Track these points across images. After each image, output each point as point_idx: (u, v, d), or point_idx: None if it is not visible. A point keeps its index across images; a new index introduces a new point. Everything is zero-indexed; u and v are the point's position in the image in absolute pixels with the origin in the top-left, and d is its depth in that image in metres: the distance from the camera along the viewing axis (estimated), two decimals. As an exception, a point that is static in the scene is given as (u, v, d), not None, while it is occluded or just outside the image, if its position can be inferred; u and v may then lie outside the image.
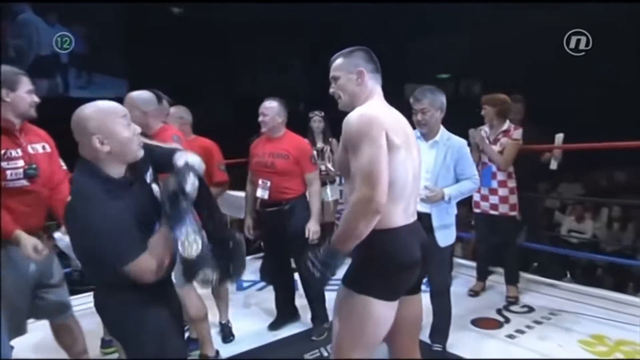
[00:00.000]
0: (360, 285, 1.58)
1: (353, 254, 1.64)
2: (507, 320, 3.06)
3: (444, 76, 10.51)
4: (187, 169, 1.53)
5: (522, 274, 3.72)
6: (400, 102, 2.67)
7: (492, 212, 3.37)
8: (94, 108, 1.47)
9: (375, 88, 1.71)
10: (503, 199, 3.34)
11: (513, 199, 3.34)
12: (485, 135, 3.37)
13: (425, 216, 2.46)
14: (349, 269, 1.65)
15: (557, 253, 4.15)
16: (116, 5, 9.00)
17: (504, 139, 3.30)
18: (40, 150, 2.14)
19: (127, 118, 1.52)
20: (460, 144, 2.60)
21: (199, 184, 1.55)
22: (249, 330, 3.05)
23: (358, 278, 1.60)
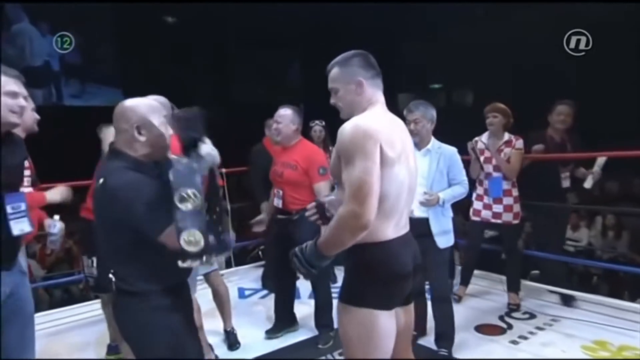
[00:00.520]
0: (359, 299, 1.56)
1: (346, 269, 1.65)
2: (510, 327, 3.12)
3: (436, 86, 10.66)
4: (209, 157, 1.57)
5: (523, 281, 3.77)
6: (394, 112, 2.80)
7: (494, 220, 3.43)
8: (142, 102, 1.62)
9: (376, 94, 1.65)
10: (508, 208, 3.41)
11: (517, 207, 3.43)
12: (483, 146, 3.45)
13: (424, 221, 2.65)
14: (344, 285, 1.65)
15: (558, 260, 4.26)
16: (110, 14, 9.02)
17: (507, 149, 3.37)
18: None
19: (167, 118, 1.63)
20: (451, 152, 2.79)
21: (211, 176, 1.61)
22: (254, 337, 3.09)
23: (355, 292, 1.59)
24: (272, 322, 3.21)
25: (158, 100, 2.36)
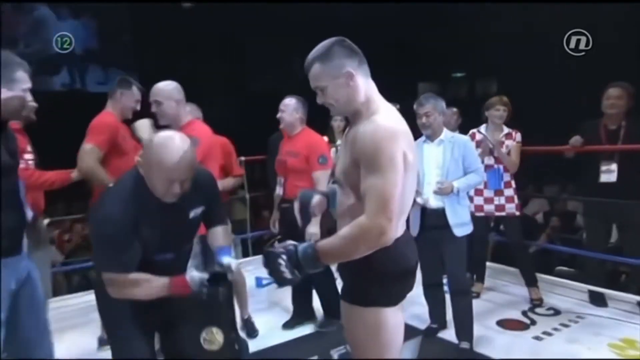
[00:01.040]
0: (367, 298, 1.52)
1: (346, 268, 1.59)
2: (534, 322, 3.12)
3: (458, 75, 10.55)
4: (229, 270, 1.73)
5: (546, 276, 3.82)
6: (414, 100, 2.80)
7: (498, 213, 3.46)
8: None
9: (369, 84, 1.53)
10: (509, 199, 3.44)
11: (516, 199, 3.46)
12: (482, 137, 3.46)
13: (440, 212, 2.71)
14: (348, 286, 1.61)
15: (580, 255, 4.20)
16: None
17: (509, 141, 3.41)
18: None
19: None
20: (464, 140, 2.87)
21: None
22: (272, 326, 3.15)
23: (362, 292, 1.54)
24: (289, 312, 3.27)
25: (168, 87, 2.44)
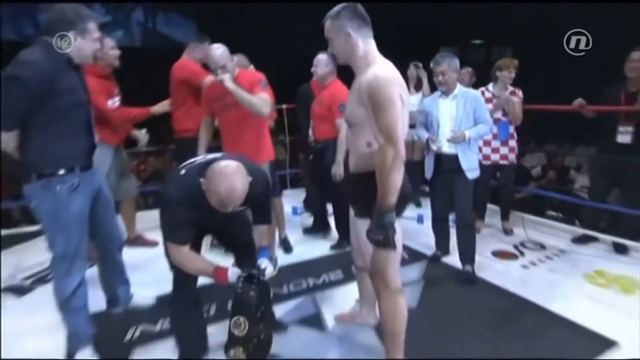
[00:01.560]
0: (369, 211, 1.60)
1: (364, 195, 1.64)
2: (522, 254, 3.18)
3: (477, 42, 10.07)
4: (263, 274, 1.75)
5: (536, 218, 3.89)
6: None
7: (502, 162, 3.46)
8: None
9: (366, 42, 1.65)
10: (512, 149, 3.46)
11: (517, 149, 3.48)
12: (491, 95, 3.42)
13: (453, 158, 2.70)
14: (364, 206, 1.67)
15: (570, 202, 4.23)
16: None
17: (513, 97, 3.38)
18: None
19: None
20: (476, 94, 2.80)
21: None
22: (304, 245, 3.33)
23: (369, 208, 1.61)
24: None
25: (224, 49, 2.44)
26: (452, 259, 2.98)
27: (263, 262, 1.80)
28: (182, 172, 1.70)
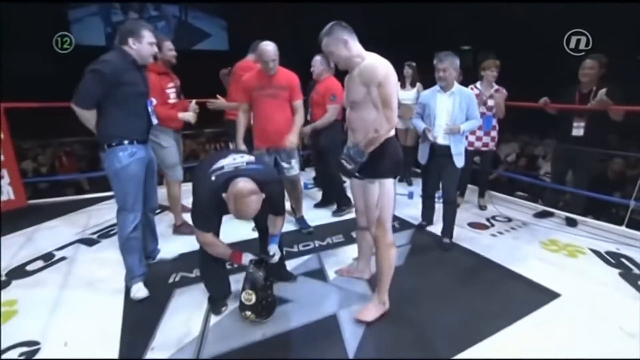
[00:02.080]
0: (385, 173, 1.81)
1: (371, 160, 1.78)
2: (492, 225, 3.22)
3: (465, 47, 9.84)
4: (271, 258, 1.91)
5: (507, 197, 3.92)
6: (431, 68, 2.73)
7: (483, 149, 3.48)
8: None
9: (357, 44, 1.77)
10: (493, 139, 3.46)
11: (497, 138, 3.48)
12: (478, 92, 3.37)
13: (446, 147, 2.67)
14: (370, 169, 1.80)
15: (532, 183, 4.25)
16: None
17: (497, 94, 3.35)
18: None
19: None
20: (469, 93, 2.69)
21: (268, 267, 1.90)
22: (315, 214, 3.39)
23: (382, 170, 1.81)
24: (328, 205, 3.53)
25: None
26: (435, 228, 3.03)
27: (272, 249, 1.92)
28: (213, 178, 1.72)
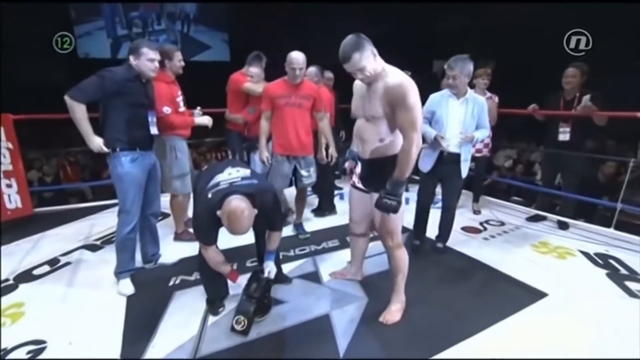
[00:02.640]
0: None
1: (380, 175, 1.75)
2: (485, 229, 3.29)
3: (464, 56, 9.99)
4: (265, 272, 1.96)
5: (500, 201, 4.00)
6: (430, 75, 2.81)
7: (477, 154, 3.53)
8: None
9: (379, 56, 1.68)
10: (486, 145, 3.53)
11: (490, 144, 3.54)
12: None
13: (455, 155, 2.56)
14: (381, 183, 1.74)
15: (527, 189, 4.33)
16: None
17: (490, 102, 3.37)
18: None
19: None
20: (482, 101, 2.58)
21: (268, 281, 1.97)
22: (312, 219, 3.49)
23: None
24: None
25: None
26: (431, 232, 2.99)
27: (267, 266, 1.97)
28: (209, 195, 1.75)
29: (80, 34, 8.57)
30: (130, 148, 2.20)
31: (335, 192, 3.95)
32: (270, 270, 1.98)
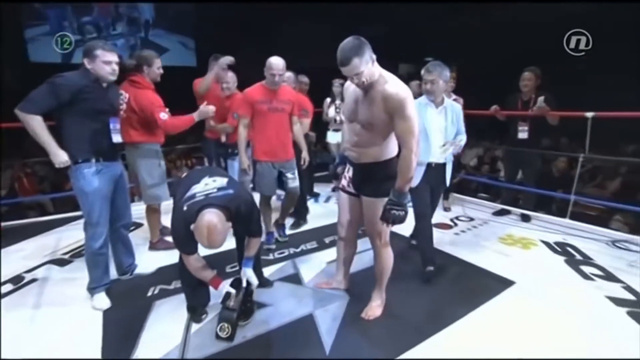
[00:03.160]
0: (385, 192, 1.75)
1: (376, 181, 1.81)
2: (456, 225, 3.48)
3: (428, 59, 10.39)
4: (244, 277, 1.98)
5: (469, 198, 4.22)
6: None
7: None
8: None
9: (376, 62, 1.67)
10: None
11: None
12: None
13: (441, 165, 2.50)
14: (374, 189, 1.82)
15: (493, 185, 4.61)
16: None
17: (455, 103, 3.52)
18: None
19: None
20: (458, 107, 2.53)
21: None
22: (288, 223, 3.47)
23: (384, 189, 1.76)
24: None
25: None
26: (402, 230, 3.05)
27: (245, 274, 1.98)
28: (185, 207, 1.75)
29: (29, 38, 8.09)
30: (95, 159, 2.10)
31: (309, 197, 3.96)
32: (248, 278, 1.98)
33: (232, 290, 1.95)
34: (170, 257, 2.68)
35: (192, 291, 2.09)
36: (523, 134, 3.41)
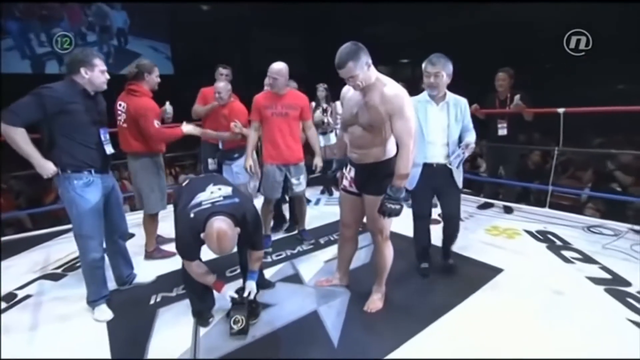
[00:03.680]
0: (384, 191, 1.83)
1: (377, 180, 1.88)
2: None
3: (404, 61, 10.68)
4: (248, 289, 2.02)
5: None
6: None
7: None
8: None
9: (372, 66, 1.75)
10: None
11: None
12: None
13: (443, 166, 2.32)
14: (375, 187, 1.91)
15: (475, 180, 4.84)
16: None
17: None
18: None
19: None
20: (465, 102, 2.32)
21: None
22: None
23: (385, 188, 1.81)
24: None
25: None
26: (396, 228, 3.21)
27: (249, 286, 2.02)
28: (191, 215, 1.77)
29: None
30: (86, 170, 2.07)
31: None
32: (251, 290, 2.03)
33: (236, 295, 2.02)
34: (168, 265, 2.71)
35: (197, 296, 2.13)
36: (503, 131, 3.60)
